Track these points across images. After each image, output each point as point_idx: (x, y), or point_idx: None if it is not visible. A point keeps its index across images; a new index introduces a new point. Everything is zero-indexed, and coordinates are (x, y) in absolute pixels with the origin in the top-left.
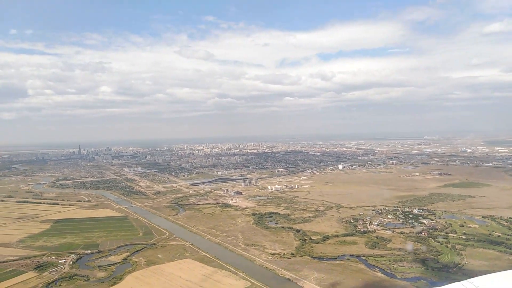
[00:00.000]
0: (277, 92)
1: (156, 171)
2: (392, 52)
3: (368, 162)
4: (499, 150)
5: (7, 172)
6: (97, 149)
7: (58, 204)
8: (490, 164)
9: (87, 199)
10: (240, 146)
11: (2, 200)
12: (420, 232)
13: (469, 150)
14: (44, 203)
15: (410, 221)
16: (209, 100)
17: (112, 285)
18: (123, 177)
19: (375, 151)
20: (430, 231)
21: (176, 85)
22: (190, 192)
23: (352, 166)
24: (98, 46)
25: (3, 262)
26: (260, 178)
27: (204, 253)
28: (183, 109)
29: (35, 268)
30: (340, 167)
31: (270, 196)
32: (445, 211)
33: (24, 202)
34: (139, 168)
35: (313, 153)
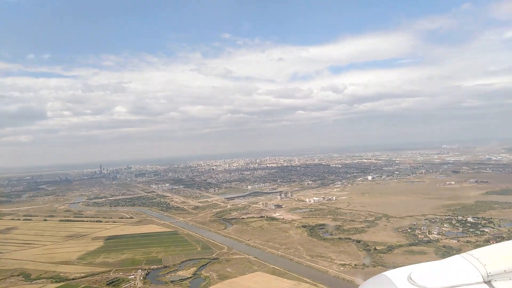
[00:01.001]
0: (289, 106)
1: (184, 187)
2: (403, 63)
3: (396, 173)
4: None
5: (36, 192)
6: (118, 168)
7: (101, 222)
8: None
9: (128, 216)
10: (257, 160)
11: (45, 220)
12: (488, 241)
13: (493, 158)
14: (87, 221)
15: (470, 230)
16: (222, 116)
17: None
18: (154, 193)
19: (396, 161)
20: (497, 239)
21: (190, 103)
22: (228, 206)
23: (381, 176)
24: (114, 67)
25: (72, 279)
26: (293, 191)
27: (272, 266)
28: (196, 127)
29: (107, 284)
30: (369, 178)
31: (311, 208)
32: (502, 219)
33: (67, 221)
34: (167, 185)
35: (334, 165)
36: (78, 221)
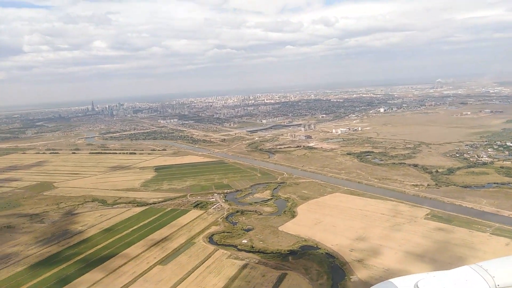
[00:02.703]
0: (277, 41)
1: (194, 122)
2: None
3: (404, 105)
4: None
5: (38, 129)
6: (109, 105)
7: (135, 154)
8: None
9: (160, 148)
10: (251, 97)
11: (74, 153)
12: None
13: (491, 91)
14: (119, 153)
15: None
16: (208, 51)
17: (292, 218)
18: (167, 128)
19: (395, 95)
20: None
21: (174, 37)
22: (256, 138)
23: (392, 109)
24: None
25: (153, 203)
26: (313, 123)
27: (346, 188)
28: (179, 63)
29: (194, 206)
30: (381, 110)
31: (342, 138)
32: None
33: (98, 153)
34: (175, 120)
35: (335, 100)
36: (109, 153)
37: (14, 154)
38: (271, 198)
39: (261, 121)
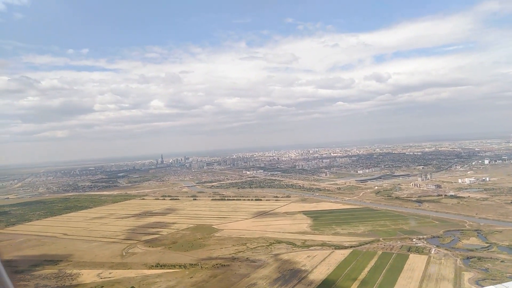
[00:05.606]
0: (327, 97)
1: (282, 173)
2: (452, 49)
3: (503, 157)
4: None
5: (128, 179)
6: (176, 159)
7: (261, 200)
8: None
9: (281, 195)
10: (310, 151)
11: (195, 199)
12: None
13: None
14: (243, 200)
15: None
16: (259, 108)
17: None
18: (260, 178)
19: (476, 149)
20: None
21: (227, 95)
22: (375, 187)
23: (495, 161)
24: (157, 59)
25: (350, 247)
26: (428, 174)
27: None
28: (227, 120)
29: (407, 251)
30: (486, 162)
31: (478, 188)
32: None
33: (220, 200)
34: (260, 171)
35: (411, 153)
36: (232, 199)
37: (133, 200)
38: (489, 245)
39: (356, 171)
